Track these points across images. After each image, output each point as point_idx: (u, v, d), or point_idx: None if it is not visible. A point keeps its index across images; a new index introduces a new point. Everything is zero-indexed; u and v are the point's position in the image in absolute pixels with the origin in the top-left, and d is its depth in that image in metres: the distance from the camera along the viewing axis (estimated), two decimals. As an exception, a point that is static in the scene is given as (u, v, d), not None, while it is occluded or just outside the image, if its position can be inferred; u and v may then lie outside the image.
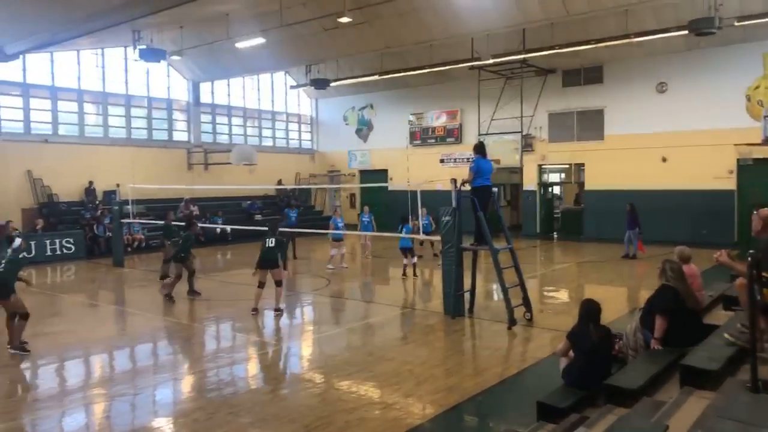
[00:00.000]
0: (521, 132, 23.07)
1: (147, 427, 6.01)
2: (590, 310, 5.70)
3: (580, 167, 23.22)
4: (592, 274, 15.42)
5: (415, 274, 14.30)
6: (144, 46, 19.28)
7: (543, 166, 24.00)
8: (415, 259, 14.41)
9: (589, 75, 22.32)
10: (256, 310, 10.52)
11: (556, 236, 23.86)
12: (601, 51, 20.20)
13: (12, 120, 20.79)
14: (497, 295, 11.93)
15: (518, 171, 23.98)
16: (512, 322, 9.34)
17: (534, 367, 7.57)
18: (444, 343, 8.97)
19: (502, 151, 22.73)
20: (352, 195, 29.61)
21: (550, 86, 22.99)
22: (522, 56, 19.87)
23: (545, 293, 13.00)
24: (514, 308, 9.44)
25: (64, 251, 19.08)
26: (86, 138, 22.57)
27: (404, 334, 9.64)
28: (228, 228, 21.62)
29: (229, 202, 25.71)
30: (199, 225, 16.46)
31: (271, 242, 10.68)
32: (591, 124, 22.35)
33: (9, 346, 8.40)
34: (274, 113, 29.56)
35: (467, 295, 10.42)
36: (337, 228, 15.83)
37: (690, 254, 7.17)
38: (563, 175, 25.38)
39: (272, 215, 25.20)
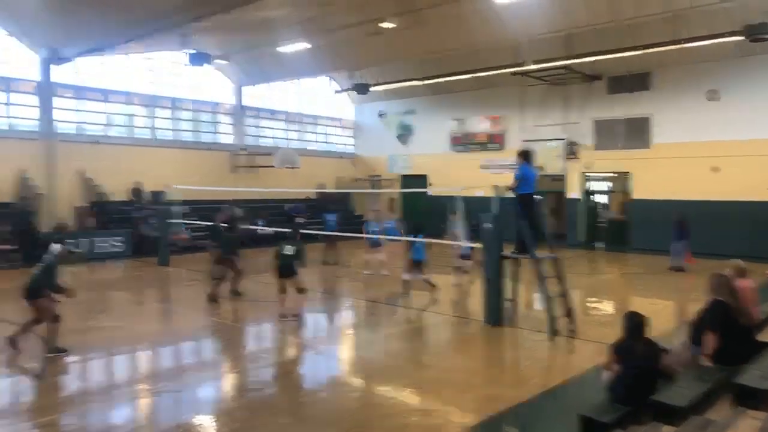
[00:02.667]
0: (565, 139, 22.72)
1: (190, 423, 6.13)
2: (636, 323, 5.57)
3: (626, 176, 22.72)
4: (638, 285, 15.04)
5: (432, 284, 12.73)
6: (192, 50, 19.78)
7: (587, 174, 23.56)
8: (423, 276, 12.77)
9: (636, 82, 21.81)
10: (284, 316, 10.45)
11: (600, 246, 23.37)
12: (649, 57, 19.69)
13: (66, 121, 21.60)
14: (539, 304, 11.75)
15: (561, 179, 23.61)
16: (554, 332, 9.19)
17: (576, 380, 7.42)
18: (484, 351, 8.88)
19: (545, 159, 22.40)
20: (392, 200, 29.63)
21: (595, 93, 22.56)
22: (566, 62, 19.57)
23: (588, 304, 12.74)
24: (556, 319, 9.28)
25: (113, 249, 19.70)
26: (135, 139, 23.28)
27: (444, 341, 9.59)
28: (270, 230, 21.89)
29: (272, 205, 26.08)
30: (242, 227, 16.78)
31: (288, 249, 10.43)
32: (637, 132, 21.84)
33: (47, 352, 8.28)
34: (317, 117, 29.88)
35: (508, 304, 10.30)
36: (371, 233, 15.85)
37: (745, 268, 6.93)
38: (609, 184, 24.87)
39: (312, 218, 25.46)
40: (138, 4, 16.49)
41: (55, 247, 8.70)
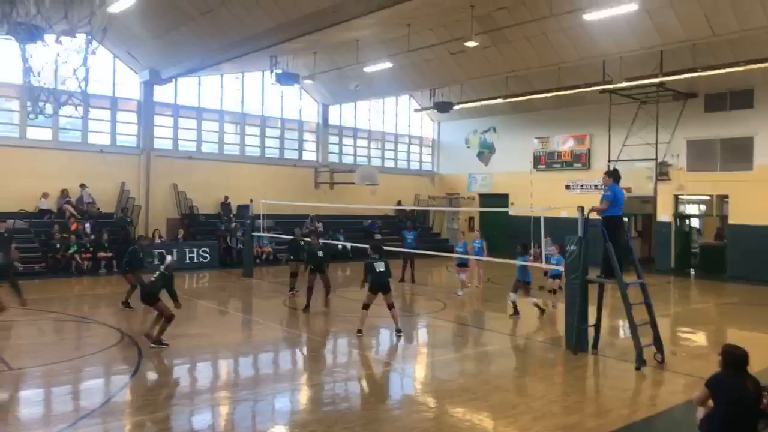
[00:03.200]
0: (656, 159, 21.70)
1: (267, 433, 6.26)
2: (735, 357, 5.16)
3: (723, 199, 21.35)
4: (736, 317, 14.02)
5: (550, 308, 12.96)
6: (280, 71, 20.56)
7: (680, 197, 22.34)
8: (514, 298, 12.58)
9: (737, 99, 20.54)
10: (361, 332, 10.46)
11: (693, 273, 22.03)
12: (753, 73, 18.51)
13: (163, 138, 22.98)
14: (624, 332, 11.20)
15: (651, 201, 22.52)
16: (641, 362, 8.69)
17: (665, 414, 6.98)
18: (564, 378, 8.54)
19: (634, 179, 21.47)
20: (471, 218, 29.33)
21: (690, 111, 21.46)
22: (659, 79, 18.75)
23: (679, 334, 12.00)
24: (643, 348, 8.78)
25: (201, 260, 20.62)
26: (225, 156, 24.41)
27: (522, 366, 9.30)
28: (348, 245, 22.22)
29: (351, 221, 26.48)
30: (322, 241, 17.02)
31: (381, 266, 10.56)
32: (738, 153, 20.50)
33: (151, 343, 9.32)
34: (397, 135, 30.19)
35: (591, 331, 9.87)
36: (457, 253, 15.75)
37: None
38: (703, 207, 23.48)
39: (390, 235, 25.62)
40: (232, 28, 17.39)
41: (168, 258, 10.08)
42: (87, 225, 19.20)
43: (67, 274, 17.59)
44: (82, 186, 20.27)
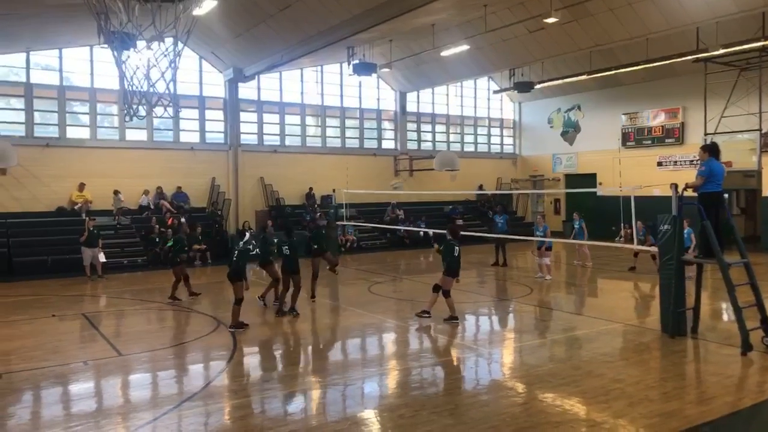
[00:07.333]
0: (760, 130, 20.13)
1: (357, 416, 6.40)
2: None
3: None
4: None
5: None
6: (357, 61, 20.75)
7: (788, 169, 20.64)
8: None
9: None
10: (457, 318, 10.45)
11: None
12: None
13: (249, 133, 23.85)
14: (727, 315, 10.54)
15: (755, 175, 20.95)
16: (747, 347, 8.14)
17: (776, 402, 6.53)
18: (661, 363, 8.15)
19: (735, 152, 20.05)
20: (557, 200, 28.49)
21: (798, 76, 19.72)
22: (761, 44, 17.35)
23: (790, 316, 11.12)
24: (749, 332, 8.22)
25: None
26: (307, 147, 25.02)
27: (614, 350, 8.96)
28: (431, 231, 22.21)
29: (432, 207, 26.44)
30: (404, 228, 17.18)
31: (457, 251, 10.48)
32: None
33: (229, 327, 9.95)
34: (476, 119, 29.75)
35: (689, 314, 9.35)
36: (537, 235, 15.44)
37: None
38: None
39: (473, 220, 25.36)
40: (309, 23, 17.72)
41: (246, 236, 10.87)
42: (183, 219, 20.25)
43: (166, 267, 18.64)
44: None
